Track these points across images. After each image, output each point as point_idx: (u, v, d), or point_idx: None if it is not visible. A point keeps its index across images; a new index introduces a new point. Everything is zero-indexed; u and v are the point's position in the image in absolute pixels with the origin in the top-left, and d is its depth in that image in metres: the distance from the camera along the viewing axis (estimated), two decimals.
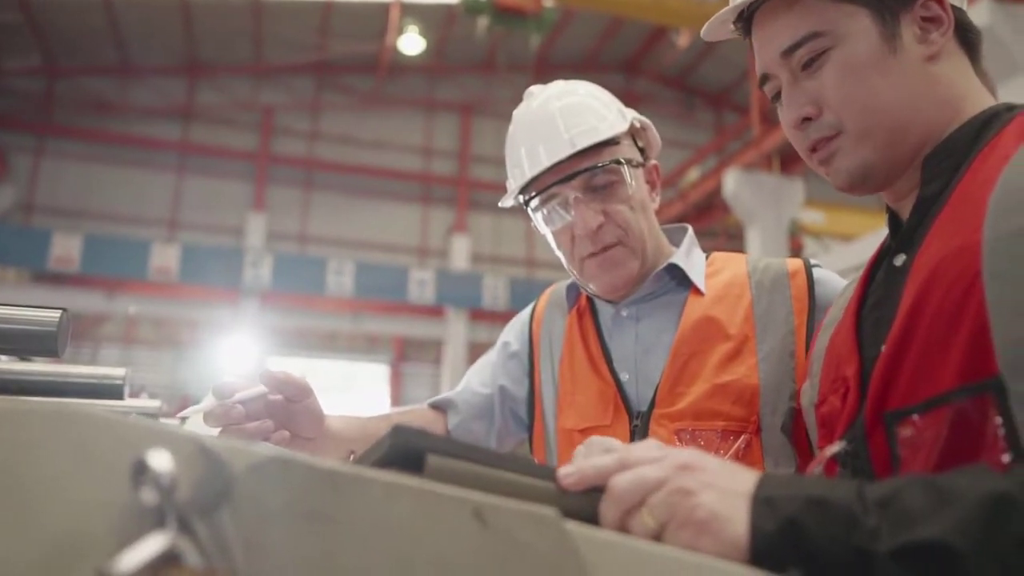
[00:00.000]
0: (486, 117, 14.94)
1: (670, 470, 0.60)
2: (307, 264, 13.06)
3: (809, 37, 0.85)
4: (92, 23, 12.38)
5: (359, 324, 13.40)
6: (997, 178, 0.72)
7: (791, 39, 0.86)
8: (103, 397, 1.36)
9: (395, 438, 0.61)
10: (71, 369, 1.39)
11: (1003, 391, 0.64)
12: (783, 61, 0.88)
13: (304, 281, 12.76)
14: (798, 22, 0.85)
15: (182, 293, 12.81)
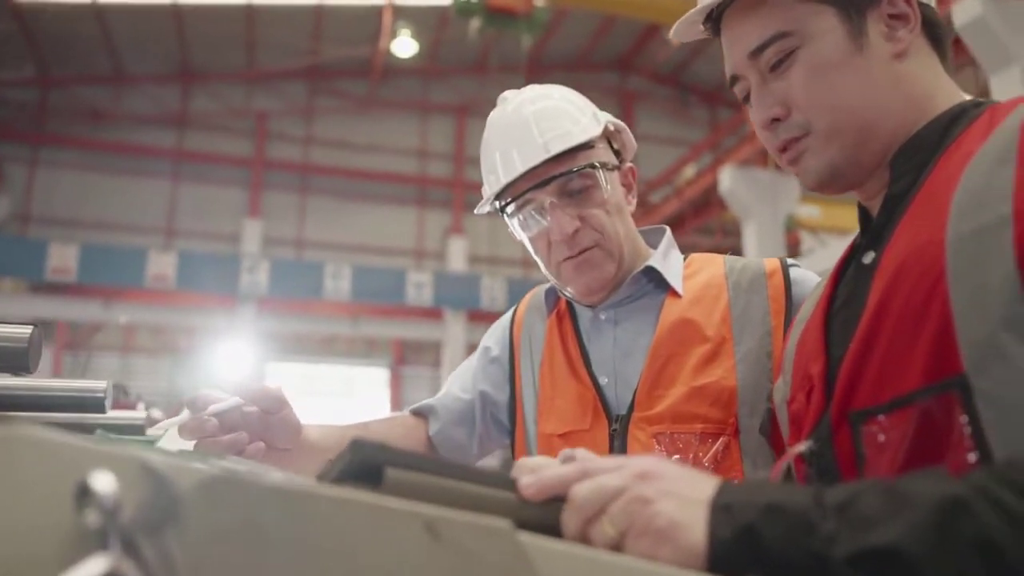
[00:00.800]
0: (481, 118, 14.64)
1: (629, 478, 0.60)
2: (304, 269, 13.07)
3: (776, 37, 0.84)
4: (85, 32, 12.38)
5: (357, 328, 13.40)
6: (961, 176, 0.72)
7: (758, 39, 0.86)
8: (85, 410, 1.36)
9: (354, 452, 0.61)
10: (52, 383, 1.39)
11: (968, 389, 0.64)
12: (751, 62, 0.87)
13: (301, 286, 12.76)
14: (765, 22, 0.85)
15: (179, 300, 12.81)
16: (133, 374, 15.00)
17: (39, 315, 13.59)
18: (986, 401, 0.63)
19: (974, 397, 0.64)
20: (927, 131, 0.81)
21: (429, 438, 1.29)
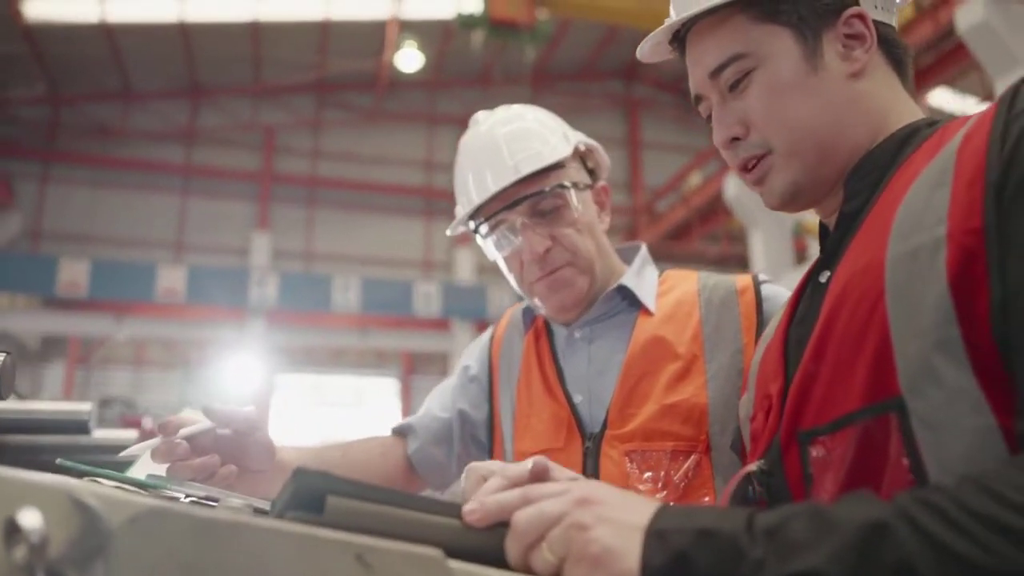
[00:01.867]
0: None
1: (569, 504, 0.61)
2: (312, 282, 13.12)
3: (733, 58, 0.85)
4: (94, 51, 12.52)
5: (366, 339, 13.43)
6: (904, 196, 0.72)
7: (717, 60, 0.87)
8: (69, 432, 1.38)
9: (295, 481, 0.62)
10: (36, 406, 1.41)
11: (904, 411, 0.64)
12: (712, 82, 0.88)
13: (310, 298, 12.81)
14: (723, 44, 0.86)
15: (189, 314, 12.88)
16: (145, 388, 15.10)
17: (51, 330, 13.73)
18: (921, 422, 0.63)
19: (910, 418, 0.64)
20: (879, 150, 0.82)
21: (408, 457, 1.30)
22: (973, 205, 0.63)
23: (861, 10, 0.84)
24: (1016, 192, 0.61)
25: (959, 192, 0.65)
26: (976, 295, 0.61)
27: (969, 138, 0.68)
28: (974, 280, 0.61)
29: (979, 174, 0.64)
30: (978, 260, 0.61)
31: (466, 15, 9.97)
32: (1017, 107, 0.64)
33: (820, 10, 0.84)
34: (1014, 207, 0.61)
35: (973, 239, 0.62)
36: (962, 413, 0.61)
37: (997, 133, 0.64)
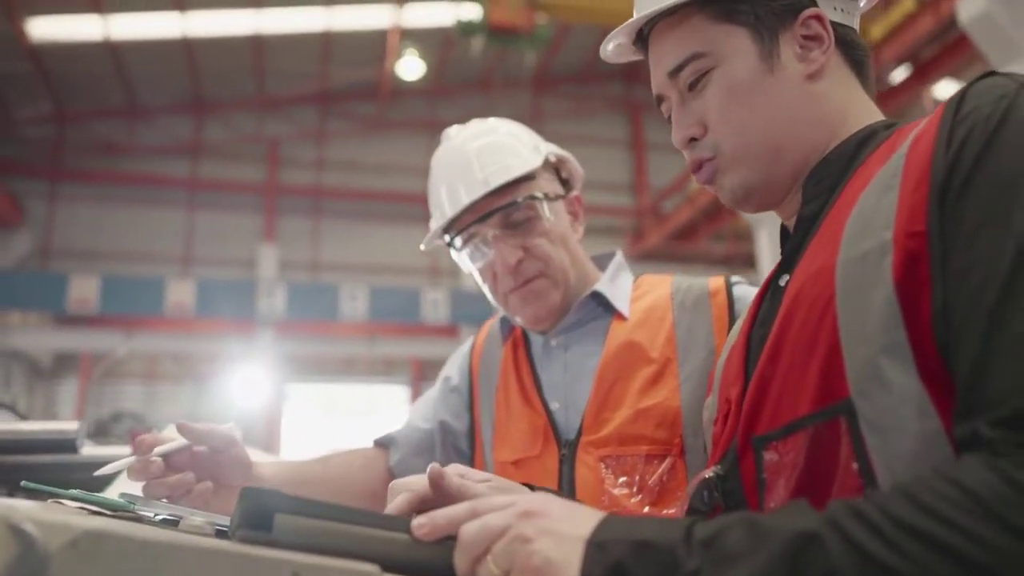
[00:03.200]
0: None
1: (513, 517, 0.62)
2: (320, 291, 13.16)
3: (691, 58, 0.86)
4: (98, 68, 12.61)
5: (375, 348, 13.46)
6: (857, 200, 0.73)
7: (675, 60, 0.87)
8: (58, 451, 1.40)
9: (243, 500, 0.63)
10: (24, 426, 1.43)
11: (853, 415, 0.65)
12: (671, 82, 0.89)
13: (318, 308, 12.85)
14: (682, 43, 0.87)
15: (199, 327, 12.95)
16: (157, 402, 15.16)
17: (63, 347, 13.82)
18: (870, 426, 0.64)
19: (859, 422, 0.64)
20: (836, 153, 0.82)
21: (390, 469, 1.31)
22: (918, 209, 0.64)
23: (819, 11, 0.84)
24: (958, 195, 0.61)
25: (905, 196, 0.65)
26: (920, 298, 0.61)
27: (917, 141, 0.68)
28: (918, 283, 0.62)
29: (924, 178, 0.64)
30: (922, 263, 0.62)
31: (465, 21, 9.99)
32: (963, 111, 0.65)
33: (777, 11, 0.84)
34: (956, 210, 0.61)
35: (917, 242, 0.63)
36: (909, 416, 0.61)
37: (943, 137, 0.64)
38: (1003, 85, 0.64)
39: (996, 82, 0.65)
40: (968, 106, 0.64)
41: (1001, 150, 0.60)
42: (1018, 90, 0.63)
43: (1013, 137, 0.60)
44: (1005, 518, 0.47)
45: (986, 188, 0.60)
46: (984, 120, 0.62)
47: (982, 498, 0.48)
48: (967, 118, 0.64)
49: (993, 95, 0.63)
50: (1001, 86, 0.64)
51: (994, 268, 0.56)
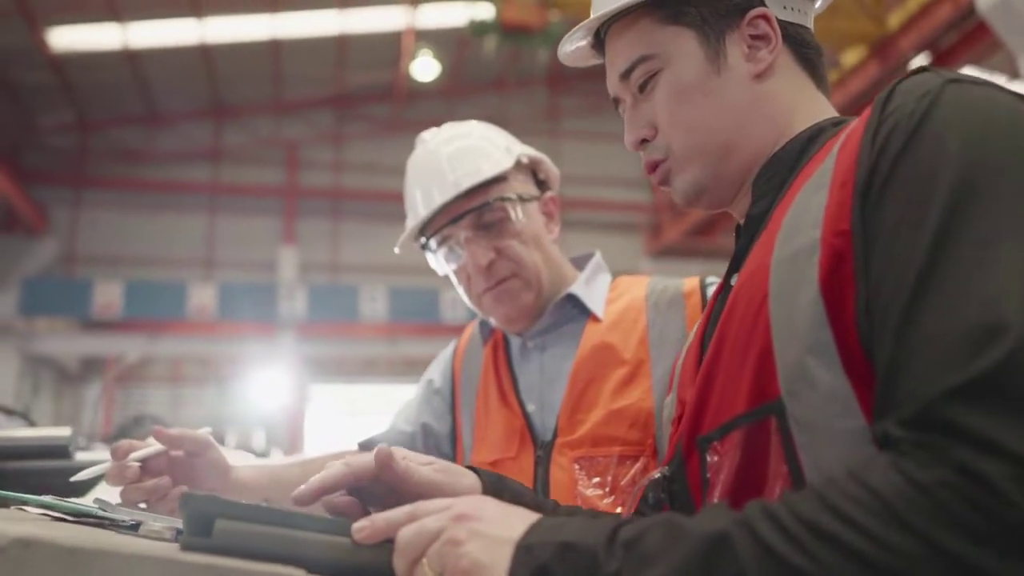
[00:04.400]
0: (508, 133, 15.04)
1: (447, 520, 0.63)
2: (340, 293, 13.26)
3: (640, 60, 0.86)
4: (119, 77, 12.78)
5: (396, 348, 13.53)
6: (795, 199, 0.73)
7: (625, 63, 0.88)
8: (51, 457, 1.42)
9: (184, 506, 0.65)
10: (16, 433, 1.46)
11: (783, 414, 0.65)
12: (623, 84, 0.89)
13: (338, 310, 12.95)
14: (632, 46, 0.87)
15: (221, 330, 13.09)
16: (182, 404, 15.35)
17: (89, 352, 14.04)
18: (798, 425, 0.64)
19: (788, 422, 0.64)
20: (784, 152, 0.82)
21: None
22: (843, 208, 0.63)
23: (765, 11, 0.84)
24: (879, 194, 0.61)
25: (833, 194, 0.65)
26: (845, 298, 0.61)
27: (848, 139, 0.68)
28: (843, 282, 0.62)
29: (850, 176, 0.64)
30: (846, 263, 0.62)
31: (478, 21, 10.00)
32: (888, 109, 0.64)
33: (723, 11, 0.84)
34: (877, 209, 0.61)
35: (842, 242, 0.62)
36: (835, 415, 0.61)
37: (869, 135, 0.64)
38: (928, 81, 0.63)
39: (923, 79, 0.64)
40: (894, 103, 0.64)
41: (920, 148, 0.59)
42: (942, 86, 0.62)
43: (932, 134, 0.59)
44: (905, 519, 0.47)
45: (905, 186, 0.59)
46: (907, 117, 0.61)
47: (885, 499, 0.48)
48: (891, 115, 0.63)
49: (918, 92, 0.63)
50: (926, 82, 0.63)
51: (908, 267, 0.56)
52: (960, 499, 0.45)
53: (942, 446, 0.47)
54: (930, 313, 0.53)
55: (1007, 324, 0.48)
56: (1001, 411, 0.46)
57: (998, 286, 0.51)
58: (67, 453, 1.41)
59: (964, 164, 0.57)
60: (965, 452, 0.46)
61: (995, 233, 0.53)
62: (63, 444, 1.41)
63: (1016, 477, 0.44)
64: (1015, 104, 0.61)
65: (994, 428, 0.46)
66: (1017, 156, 0.57)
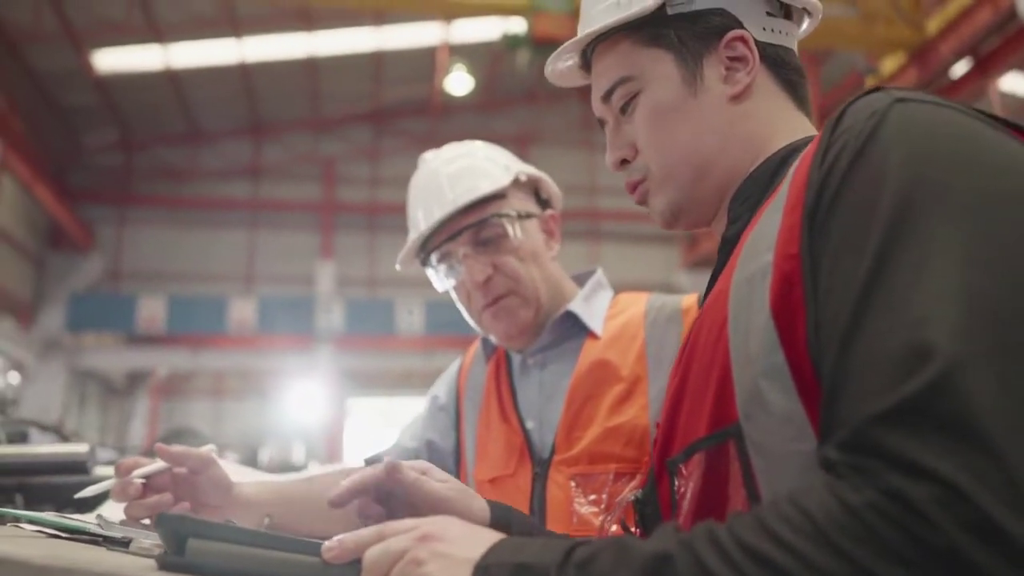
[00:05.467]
0: (542, 145, 15.05)
1: (412, 540, 0.64)
2: (377, 307, 13.38)
3: (620, 82, 0.87)
4: (161, 96, 13.11)
5: (432, 360, 13.59)
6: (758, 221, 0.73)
7: (606, 84, 0.89)
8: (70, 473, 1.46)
9: (158, 526, 0.67)
10: (38, 449, 1.51)
11: (741, 437, 0.65)
12: (605, 106, 0.90)
13: (375, 323, 13.07)
14: (612, 68, 0.88)
15: (261, 344, 13.30)
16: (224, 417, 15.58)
17: (134, 366, 14.35)
18: (756, 449, 0.63)
19: (747, 446, 0.64)
20: (758, 173, 0.82)
21: None
22: (793, 230, 0.63)
23: (742, 33, 0.84)
24: (826, 215, 0.60)
25: (785, 217, 0.65)
26: (796, 321, 0.61)
27: (802, 161, 0.67)
28: (794, 306, 0.61)
29: (800, 198, 0.63)
30: (796, 286, 0.61)
31: (511, 35, 10.05)
32: (839, 130, 0.63)
33: (700, 33, 0.84)
34: (823, 232, 0.60)
35: (791, 265, 0.62)
36: (790, 439, 0.61)
37: (819, 156, 0.64)
38: (877, 101, 0.63)
39: (872, 99, 0.64)
40: (844, 125, 0.63)
41: (865, 168, 0.59)
42: (890, 105, 0.61)
43: (877, 155, 0.59)
44: (835, 542, 0.46)
45: (848, 209, 0.59)
46: (854, 138, 0.61)
47: (818, 522, 0.48)
48: (840, 137, 0.62)
49: (866, 112, 0.62)
50: (874, 102, 0.63)
51: (849, 290, 0.55)
52: (887, 522, 0.45)
53: (873, 469, 0.47)
54: (866, 336, 0.52)
55: (935, 347, 0.48)
56: (928, 434, 0.46)
57: (928, 308, 0.50)
58: (85, 468, 1.45)
59: (905, 184, 0.56)
60: (893, 475, 0.46)
61: (931, 253, 0.52)
62: (82, 460, 1.45)
63: (941, 500, 0.44)
64: (963, 121, 0.60)
65: (921, 451, 0.46)
66: (958, 174, 0.56)
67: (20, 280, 12.84)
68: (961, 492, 0.44)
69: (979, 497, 0.43)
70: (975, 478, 0.44)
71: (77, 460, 1.44)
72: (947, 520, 0.44)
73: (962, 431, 0.45)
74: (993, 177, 0.56)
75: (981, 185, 0.55)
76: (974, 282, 0.51)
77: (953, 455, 0.45)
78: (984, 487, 0.44)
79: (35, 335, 12.60)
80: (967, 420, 0.46)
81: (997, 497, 0.43)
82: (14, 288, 12.55)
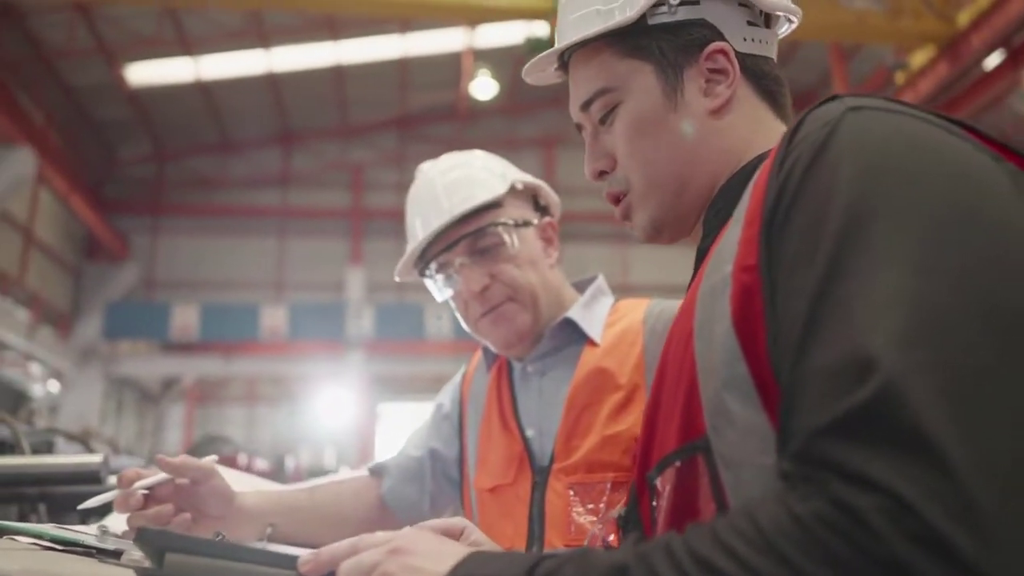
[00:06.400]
0: (568, 148, 15.04)
1: (383, 554, 0.64)
2: (407, 312, 13.45)
3: (599, 93, 0.86)
4: (192, 108, 13.34)
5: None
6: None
7: (585, 94, 0.87)
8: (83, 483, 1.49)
9: (138, 540, 0.68)
10: (51, 460, 1.54)
11: (709, 451, 0.64)
12: (584, 114, 0.89)
13: (405, 328, 13.14)
14: (593, 77, 0.86)
15: (292, 350, 13.44)
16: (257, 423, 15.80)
17: (169, 372, 14.60)
18: (723, 462, 0.62)
19: (714, 458, 0.63)
20: (731, 185, 0.81)
21: (381, 496, 1.34)
22: (751, 242, 0.62)
23: (723, 45, 0.82)
24: (781, 226, 0.59)
25: (744, 228, 0.64)
26: (757, 332, 0.60)
27: (762, 172, 0.66)
28: (754, 317, 0.60)
29: (758, 209, 0.62)
30: (756, 297, 0.60)
31: (534, 39, 10.06)
32: (795, 140, 0.62)
33: (681, 46, 0.83)
34: (778, 241, 0.59)
35: (750, 277, 0.61)
36: (754, 451, 0.60)
37: (776, 167, 0.62)
38: (830, 111, 0.61)
39: (827, 108, 0.62)
40: (800, 135, 0.62)
41: (817, 179, 0.58)
42: (842, 115, 0.60)
43: (828, 164, 0.58)
44: (782, 552, 0.46)
45: (801, 219, 0.57)
46: (808, 149, 0.60)
47: (766, 532, 0.47)
48: (796, 148, 0.61)
49: (820, 122, 0.61)
50: (828, 112, 0.61)
51: (801, 301, 0.54)
52: (832, 532, 0.45)
53: (821, 480, 0.47)
54: (816, 347, 0.52)
55: (879, 357, 0.47)
56: (874, 445, 0.45)
57: (874, 318, 0.49)
58: (98, 478, 1.47)
59: (854, 196, 0.55)
60: (839, 486, 0.45)
61: (879, 264, 0.52)
62: (94, 470, 1.47)
63: (885, 510, 0.43)
64: (916, 129, 0.59)
65: (867, 462, 0.45)
66: (908, 185, 0.55)
67: (59, 290, 13.13)
68: (906, 503, 0.43)
69: (923, 508, 0.43)
70: (919, 488, 0.43)
71: (90, 470, 1.47)
72: (892, 531, 0.43)
73: (907, 441, 0.45)
74: (942, 187, 0.55)
75: (930, 195, 0.54)
76: (921, 291, 0.50)
77: (898, 465, 0.44)
78: (928, 498, 0.43)
79: (73, 344, 12.88)
80: (912, 430, 0.45)
81: (942, 508, 0.43)
82: (53, 298, 12.84)
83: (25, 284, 11.81)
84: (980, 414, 0.46)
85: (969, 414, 0.46)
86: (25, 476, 1.44)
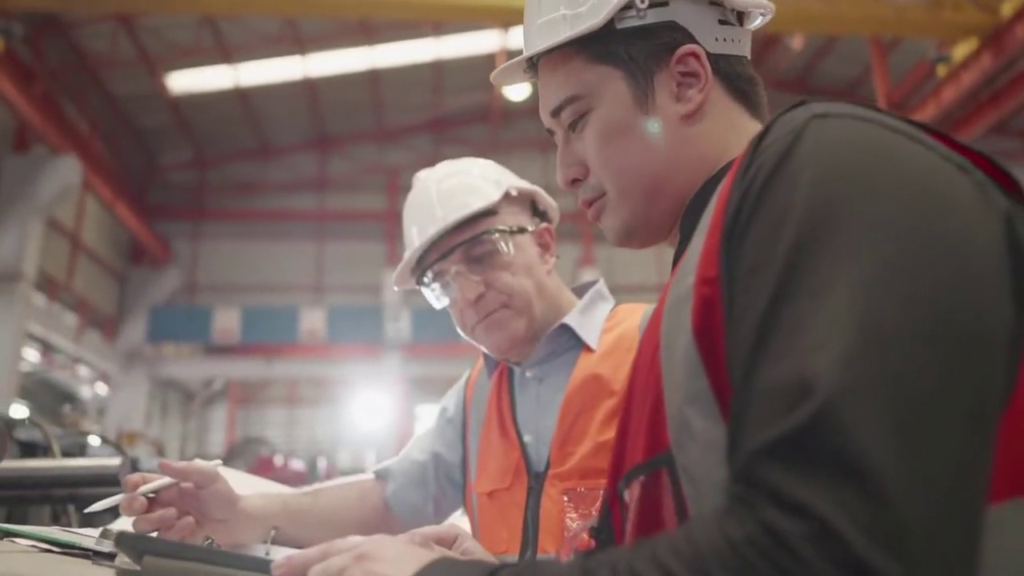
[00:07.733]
0: None
1: (349, 559, 0.65)
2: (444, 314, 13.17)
3: (569, 100, 0.84)
4: (231, 114, 13.59)
5: None
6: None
7: (555, 101, 0.86)
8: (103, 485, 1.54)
9: (117, 544, 0.71)
10: (71, 463, 1.59)
11: (673, 465, 0.64)
12: (554, 121, 0.87)
13: (442, 330, 13.13)
14: (562, 84, 0.85)
15: (331, 352, 13.60)
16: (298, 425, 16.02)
17: (211, 374, 14.88)
18: (686, 476, 0.62)
19: (677, 472, 0.63)
20: (703, 190, 0.79)
21: (385, 500, 1.36)
22: (712, 253, 0.61)
23: (693, 48, 0.80)
24: (740, 237, 0.58)
25: (708, 238, 0.63)
26: (717, 346, 0.59)
27: (727, 180, 0.65)
28: (714, 330, 0.59)
29: (720, 219, 0.61)
30: (716, 309, 0.59)
31: None
32: (760, 148, 0.61)
33: (651, 51, 0.81)
34: (737, 253, 0.58)
35: (710, 289, 0.60)
36: (715, 466, 0.59)
37: (740, 175, 0.61)
38: (795, 119, 0.60)
39: (792, 115, 0.61)
40: (765, 143, 0.60)
41: (776, 189, 0.56)
42: (806, 122, 0.59)
43: (788, 175, 0.56)
44: (713, 575, 0.46)
45: (760, 230, 0.56)
46: (771, 158, 0.58)
47: (702, 556, 0.46)
48: (759, 156, 0.60)
49: (784, 130, 0.59)
50: (793, 120, 0.60)
51: (753, 316, 0.53)
52: (762, 558, 0.44)
53: (755, 503, 0.46)
54: (762, 366, 0.50)
55: (817, 380, 0.46)
56: (807, 470, 0.44)
57: (820, 337, 0.48)
58: (117, 481, 1.52)
59: (811, 209, 0.54)
60: (771, 510, 0.44)
61: (831, 280, 0.50)
62: (113, 473, 1.51)
63: (814, 537, 0.42)
64: (880, 138, 0.57)
65: (798, 487, 0.44)
66: (866, 198, 0.53)
67: (106, 295, 13.48)
68: (833, 529, 0.42)
69: (851, 535, 0.42)
70: (849, 516, 0.42)
71: (109, 473, 1.51)
72: (817, 558, 0.42)
73: (840, 467, 0.44)
74: (900, 202, 0.53)
75: (887, 211, 0.53)
76: (870, 310, 0.49)
77: (829, 491, 0.43)
78: (857, 525, 0.42)
79: (119, 347, 13.21)
80: (846, 454, 0.44)
81: (869, 536, 0.42)
82: (100, 303, 13.18)
83: (73, 289, 12.15)
84: (918, 438, 0.45)
85: (906, 438, 0.45)
86: (46, 479, 1.49)
